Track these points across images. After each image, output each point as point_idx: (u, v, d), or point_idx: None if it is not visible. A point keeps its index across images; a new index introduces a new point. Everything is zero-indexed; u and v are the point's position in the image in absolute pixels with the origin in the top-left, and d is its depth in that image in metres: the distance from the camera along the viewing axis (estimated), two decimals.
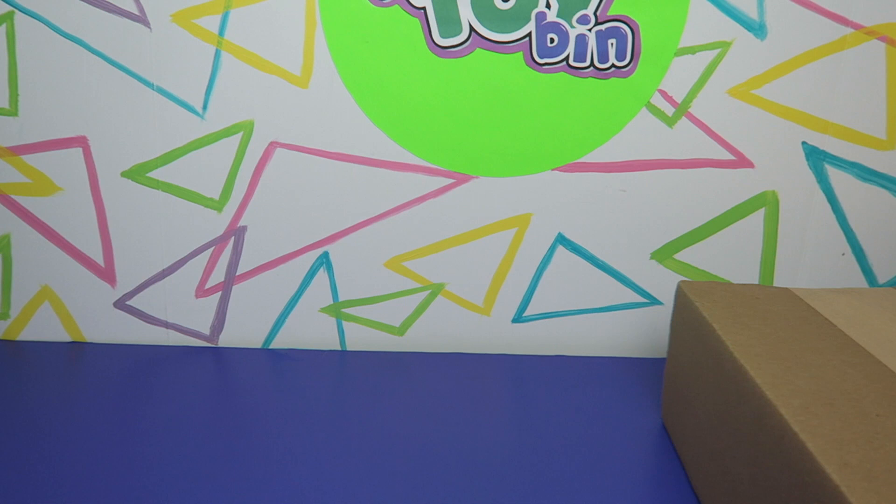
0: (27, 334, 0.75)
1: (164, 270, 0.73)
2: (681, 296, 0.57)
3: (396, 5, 0.64)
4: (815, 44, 0.65)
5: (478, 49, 0.66)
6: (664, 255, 0.72)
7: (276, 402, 0.64)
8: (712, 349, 0.49)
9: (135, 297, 0.74)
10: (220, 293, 0.74)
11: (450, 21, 0.65)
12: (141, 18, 0.66)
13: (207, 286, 0.73)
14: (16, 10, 0.65)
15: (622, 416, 0.63)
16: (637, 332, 0.75)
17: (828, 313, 0.52)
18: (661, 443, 0.59)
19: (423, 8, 0.64)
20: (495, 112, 0.67)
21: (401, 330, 0.75)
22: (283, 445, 0.57)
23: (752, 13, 0.65)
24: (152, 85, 0.67)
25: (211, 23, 0.66)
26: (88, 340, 0.75)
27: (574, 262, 0.72)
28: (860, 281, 0.72)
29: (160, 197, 0.71)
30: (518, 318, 0.74)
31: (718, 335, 0.49)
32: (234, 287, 0.73)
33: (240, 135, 0.69)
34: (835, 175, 0.69)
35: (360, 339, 0.75)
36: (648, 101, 0.67)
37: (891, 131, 0.67)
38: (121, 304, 0.74)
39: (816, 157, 0.69)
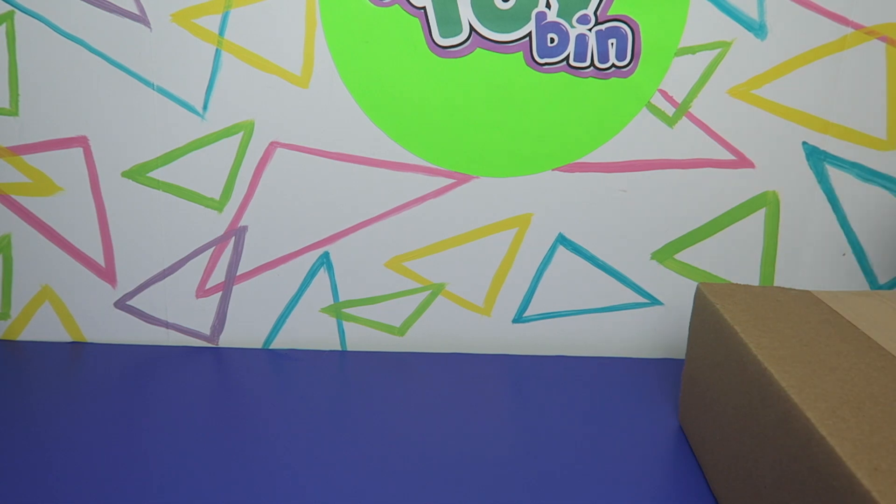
0: (27, 334, 0.75)
1: (164, 270, 0.73)
2: (700, 298, 0.57)
3: (396, 5, 0.64)
4: (816, 44, 0.65)
5: (478, 49, 0.66)
6: (665, 255, 0.72)
7: (276, 402, 0.64)
8: (734, 352, 0.49)
9: (135, 297, 0.74)
10: (220, 293, 0.74)
11: (450, 21, 0.65)
12: (141, 18, 0.66)
13: (208, 286, 0.73)
14: (16, 10, 0.65)
15: (623, 416, 0.63)
16: (638, 333, 0.74)
17: (851, 316, 0.51)
18: (665, 444, 0.59)
19: (423, 8, 0.64)
20: (495, 112, 0.67)
21: (401, 330, 0.75)
22: (284, 445, 0.57)
23: (753, 13, 0.65)
24: (152, 85, 0.67)
25: (211, 22, 0.66)
26: (88, 340, 0.75)
27: (574, 263, 0.72)
28: (861, 281, 0.72)
29: (160, 197, 0.71)
30: (518, 319, 0.74)
31: (741, 337, 0.48)
32: (234, 287, 0.73)
33: (240, 135, 0.69)
34: (835, 175, 0.69)
35: (361, 339, 0.75)
36: (649, 101, 0.67)
37: (891, 131, 0.67)
38: (121, 304, 0.74)
39: (817, 158, 0.69)
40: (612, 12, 0.64)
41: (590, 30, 0.65)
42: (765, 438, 0.43)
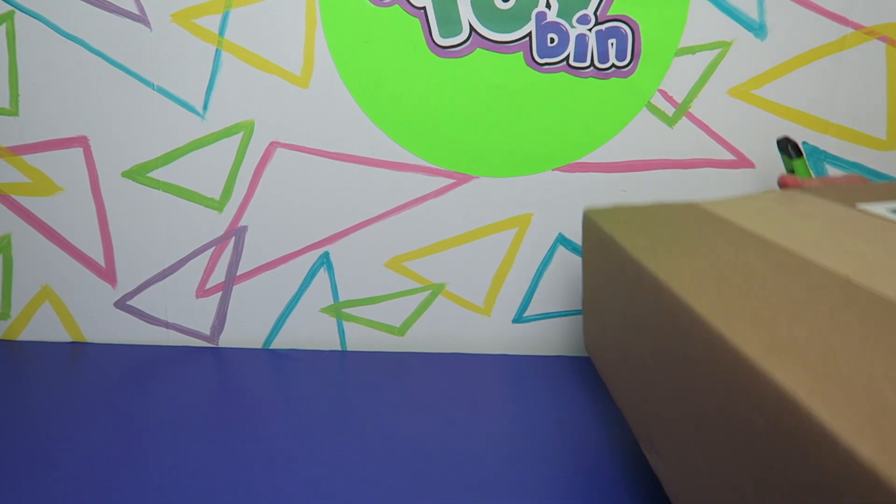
0: (27, 334, 0.75)
1: (164, 270, 0.73)
2: (587, 221, 0.57)
3: (396, 5, 0.64)
4: (815, 44, 0.65)
5: (478, 49, 0.66)
6: None
7: (276, 402, 0.64)
8: (614, 259, 0.50)
9: (135, 297, 0.74)
10: (220, 293, 0.74)
11: (450, 21, 0.65)
12: (141, 18, 0.66)
13: (208, 286, 0.73)
14: (16, 10, 0.66)
15: (622, 416, 0.63)
16: None
17: (726, 213, 0.52)
18: None
19: (424, 8, 0.64)
20: (495, 112, 0.68)
21: (401, 330, 0.75)
22: (283, 445, 0.57)
23: (752, 13, 0.65)
24: (153, 85, 0.67)
25: (211, 22, 0.66)
26: (89, 340, 0.75)
27: (575, 263, 0.72)
28: None
29: (160, 197, 0.71)
30: (518, 319, 0.74)
31: (618, 243, 0.49)
32: (234, 287, 0.73)
33: (240, 135, 0.69)
34: (835, 175, 0.69)
35: (361, 339, 0.75)
36: (649, 101, 0.67)
37: (891, 131, 0.67)
38: (121, 304, 0.74)
39: (817, 157, 0.69)
40: (611, 12, 0.64)
41: (590, 30, 0.65)
42: (645, 327, 0.44)
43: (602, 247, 0.53)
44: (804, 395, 0.26)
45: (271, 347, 0.75)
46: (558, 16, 0.64)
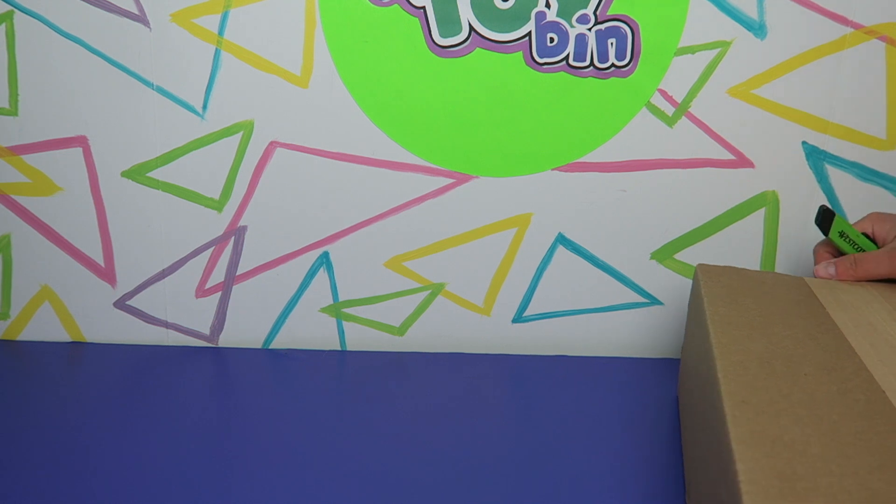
0: (27, 334, 0.75)
1: (164, 270, 0.73)
2: (695, 277, 0.60)
3: (396, 5, 0.64)
4: (815, 43, 0.65)
5: (477, 49, 0.66)
6: (664, 254, 0.72)
7: (276, 402, 0.64)
8: (700, 317, 0.51)
9: (135, 297, 0.74)
10: (220, 293, 0.74)
11: (449, 20, 0.65)
12: (140, 18, 0.66)
13: (207, 286, 0.73)
14: (15, 10, 0.65)
15: (623, 416, 0.63)
16: (637, 332, 0.74)
17: (824, 298, 0.53)
18: (661, 441, 0.59)
19: (423, 7, 0.64)
20: (495, 112, 0.67)
21: (401, 330, 0.75)
22: (283, 445, 0.57)
23: (752, 13, 0.65)
24: (152, 84, 0.67)
25: (211, 22, 0.66)
26: (88, 340, 0.75)
27: (574, 262, 0.72)
28: None
29: (160, 197, 0.71)
30: (518, 319, 0.74)
31: (704, 305, 0.51)
32: (234, 287, 0.73)
33: (240, 134, 0.69)
34: (835, 175, 0.69)
35: (360, 339, 0.75)
36: (648, 101, 0.67)
37: (891, 131, 0.67)
38: (121, 304, 0.74)
39: (817, 157, 0.69)
40: (611, 12, 0.64)
41: (589, 29, 0.65)
42: (700, 390, 0.46)
43: (696, 302, 0.56)
44: (749, 489, 0.28)
45: (271, 347, 0.75)
46: (558, 15, 0.64)
